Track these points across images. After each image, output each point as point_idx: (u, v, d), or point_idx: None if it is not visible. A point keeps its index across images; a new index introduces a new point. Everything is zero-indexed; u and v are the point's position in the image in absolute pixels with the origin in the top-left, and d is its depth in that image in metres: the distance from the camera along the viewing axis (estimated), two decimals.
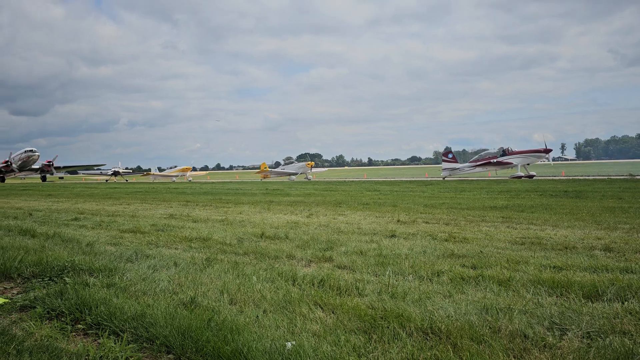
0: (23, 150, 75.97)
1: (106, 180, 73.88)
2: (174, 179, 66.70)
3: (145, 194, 25.24)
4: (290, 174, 59.36)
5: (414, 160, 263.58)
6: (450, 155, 46.42)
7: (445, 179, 42.97)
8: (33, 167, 77.42)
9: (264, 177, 62.30)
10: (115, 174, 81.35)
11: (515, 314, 3.70)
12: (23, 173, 79.62)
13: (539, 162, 44.55)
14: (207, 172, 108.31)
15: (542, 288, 4.45)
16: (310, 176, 59.08)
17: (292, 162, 62.14)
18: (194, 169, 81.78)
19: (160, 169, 77.29)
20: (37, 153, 75.61)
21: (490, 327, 3.46)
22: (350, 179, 50.43)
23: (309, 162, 59.85)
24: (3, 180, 75.22)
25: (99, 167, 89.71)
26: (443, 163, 46.66)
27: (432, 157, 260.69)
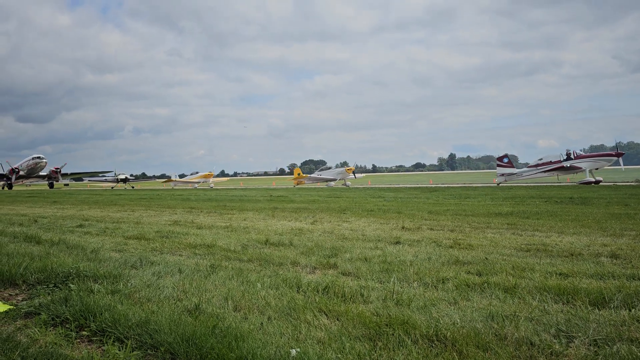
0: (31, 157, 76.28)
1: (112, 187, 73.25)
2: (196, 185, 64.41)
3: (150, 201, 25.29)
4: (328, 180, 54.97)
5: (418, 166, 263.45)
6: (505, 160, 43.47)
7: (500, 184, 40.33)
8: (40, 173, 77.77)
9: (298, 184, 58.05)
10: (125, 180, 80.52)
11: (521, 321, 3.68)
12: (30, 180, 79.99)
13: (608, 167, 41.37)
14: (228, 178, 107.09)
15: (548, 295, 4.42)
16: (348, 182, 54.52)
17: (329, 167, 58.26)
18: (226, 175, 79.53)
19: (181, 176, 75.94)
20: (44, 160, 75.92)
21: (496, 335, 3.44)
22: (355, 186, 50.45)
23: (349, 167, 55.09)
24: (10, 187, 75.49)
25: (104, 174, 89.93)
26: (498, 168, 43.64)
27: (437, 163, 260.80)
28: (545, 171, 40.47)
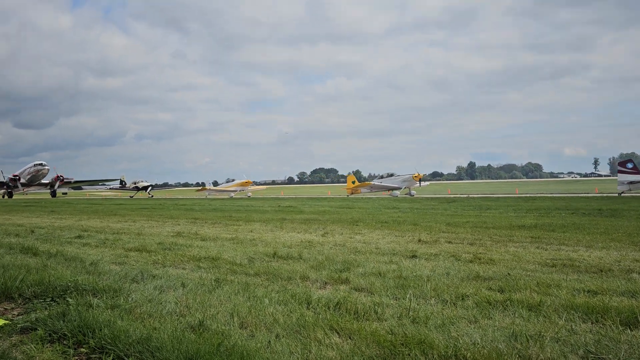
0: (32, 164, 76.43)
1: (131, 197, 70.90)
2: (232, 194, 62.08)
3: (152, 211, 25.46)
4: (392, 189, 51.08)
5: (435, 175, 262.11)
6: (629, 166, 38.93)
7: (622, 194, 36.57)
8: (42, 181, 78.17)
9: (353, 193, 54.33)
10: (146, 188, 75.53)
11: (546, 341, 3.64)
12: (31, 188, 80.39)
13: None
14: (266, 186, 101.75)
15: (575, 314, 4.37)
16: (413, 192, 51.13)
17: (392, 174, 54.95)
18: (255, 183, 74.56)
19: (215, 183, 73.14)
20: (47, 167, 76.13)
21: (519, 356, 3.40)
22: (368, 196, 50.38)
23: (417, 175, 51.17)
24: (11, 195, 75.80)
25: (104, 182, 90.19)
26: (619, 175, 38.89)
27: (455, 172, 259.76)
28: None
